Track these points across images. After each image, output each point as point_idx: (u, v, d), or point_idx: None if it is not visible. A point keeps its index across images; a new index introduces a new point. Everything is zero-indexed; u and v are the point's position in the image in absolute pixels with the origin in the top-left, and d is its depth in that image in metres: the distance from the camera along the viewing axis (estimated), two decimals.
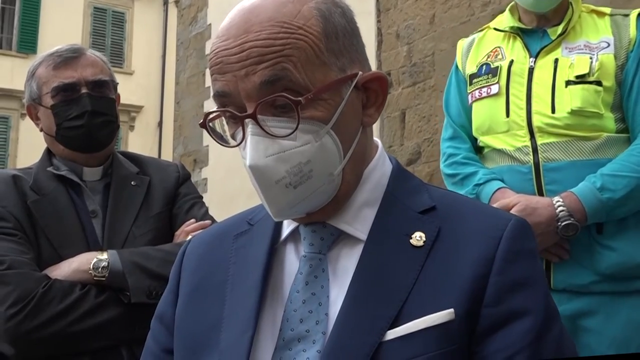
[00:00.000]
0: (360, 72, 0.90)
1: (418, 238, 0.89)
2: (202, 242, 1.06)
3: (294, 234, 0.96)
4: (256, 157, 0.84)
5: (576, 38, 1.84)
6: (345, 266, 0.90)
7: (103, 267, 1.53)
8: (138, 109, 18.03)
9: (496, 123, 1.87)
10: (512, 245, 0.86)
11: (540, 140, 1.77)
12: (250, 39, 0.83)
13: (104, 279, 1.53)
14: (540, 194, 1.75)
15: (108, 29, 18.29)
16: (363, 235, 0.91)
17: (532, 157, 1.78)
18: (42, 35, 16.97)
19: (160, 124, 18.48)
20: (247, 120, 0.85)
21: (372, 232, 0.91)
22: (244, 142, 0.85)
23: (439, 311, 0.82)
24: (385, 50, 6.95)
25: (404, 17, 6.84)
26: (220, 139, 0.92)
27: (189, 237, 1.52)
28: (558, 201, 1.67)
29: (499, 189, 1.79)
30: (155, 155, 14.15)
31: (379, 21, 7.08)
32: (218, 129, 0.92)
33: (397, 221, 0.91)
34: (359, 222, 0.92)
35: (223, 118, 0.91)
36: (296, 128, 0.83)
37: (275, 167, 0.84)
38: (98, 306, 1.51)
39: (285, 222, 0.98)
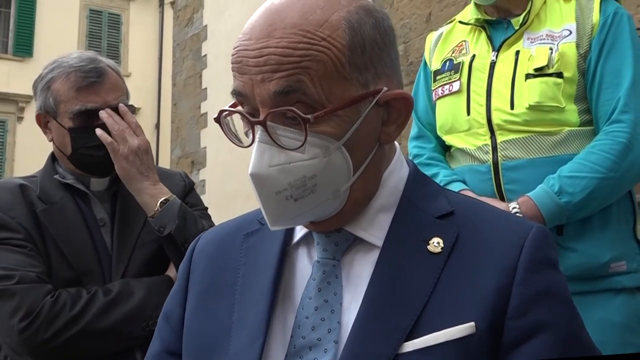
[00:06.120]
0: (385, 88, 0.86)
1: (436, 244, 0.86)
2: (212, 240, 1.04)
3: (307, 237, 0.94)
4: (259, 166, 0.82)
5: (540, 27, 1.73)
6: (360, 273, 0.88)
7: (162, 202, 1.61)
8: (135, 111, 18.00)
9: (458, 122, 1.80)
10: (534, 255, 0.84)
11: (500, 138, 1.70)
12: (270, 45, 0.80)
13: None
14: (500, 193, 1.70)
15: (104, 31, 18.26)
16: (379, 241, 0.88)
17: (491, 155, 1.71)
18: (38, 38, 16.91)
19: (157, 126, 18.46)
20: (257, 126, 0.83)
21: (388, 238, 0.88)
22: (252, 146, 0.83)
23: (459, 324, 0.80)
24: None
25: (400, 16, 6.84)
26: (234, 137, 0.89)
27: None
28: (514, 207, 1.62)
29: (459, 191, 1.70)
30: (153, 157, 14.11)
31: None
32: (231, 125, 0.89)
33: (413, 226, 0.88)
34: (375, 227, 0.89)
35: (238, 115, 0.88)
36: (303, 143, 0.81)
37: (277, 178, 0.82)
38: (109, 304, 1.52)
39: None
